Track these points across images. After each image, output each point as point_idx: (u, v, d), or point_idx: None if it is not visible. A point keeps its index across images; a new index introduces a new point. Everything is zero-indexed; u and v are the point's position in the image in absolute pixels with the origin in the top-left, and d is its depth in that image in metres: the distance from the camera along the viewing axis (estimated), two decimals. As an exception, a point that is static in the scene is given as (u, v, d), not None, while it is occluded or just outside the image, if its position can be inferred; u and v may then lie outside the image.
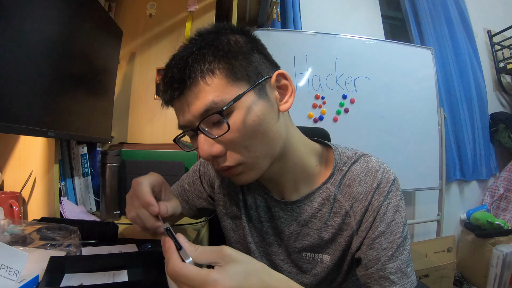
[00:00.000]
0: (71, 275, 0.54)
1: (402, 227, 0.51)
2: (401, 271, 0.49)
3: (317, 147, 0.58)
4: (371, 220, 0.51)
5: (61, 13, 0.78)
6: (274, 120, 0.47)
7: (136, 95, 1.33)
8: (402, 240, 0.50)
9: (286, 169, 0.53)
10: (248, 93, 0.44)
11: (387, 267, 0.49)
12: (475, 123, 2.26)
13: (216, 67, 0.44)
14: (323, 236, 0.55)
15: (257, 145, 0.46)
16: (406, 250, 0.50)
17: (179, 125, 0.48)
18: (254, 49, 0.48)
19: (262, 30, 1.73)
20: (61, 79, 0.80)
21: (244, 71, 0.45)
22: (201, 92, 0.43)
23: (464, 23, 2.30)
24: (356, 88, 1.84)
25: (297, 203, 0.56)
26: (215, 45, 0.45)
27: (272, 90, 0.49)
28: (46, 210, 0.88)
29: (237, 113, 0.44)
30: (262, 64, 0.48)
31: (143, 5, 1.37)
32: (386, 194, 0.51)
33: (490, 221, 2.01)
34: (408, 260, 0.50)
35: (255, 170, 0.48)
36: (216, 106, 0.43)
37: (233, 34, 0.48)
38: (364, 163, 0.54)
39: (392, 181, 0.52)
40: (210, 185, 0.69)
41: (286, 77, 0.50)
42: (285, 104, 0.50)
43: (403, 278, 0.49)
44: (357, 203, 0.52)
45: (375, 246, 0.50)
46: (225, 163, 0.46)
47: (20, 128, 0.66)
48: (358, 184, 0.53)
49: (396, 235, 0.50)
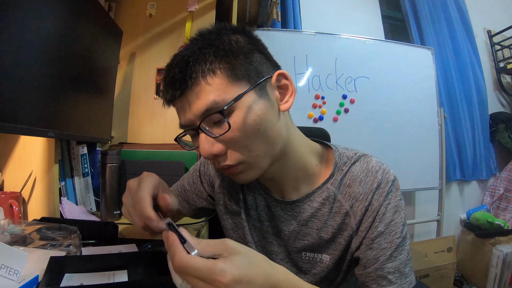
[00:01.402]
0: (71, 275, 0.54)
1: (401, 227, 0.51)
2: (399, 271, 0.49)
3: (317, 147, 0.58)
4: (370, 220, 0.51)
5: (61, 13, 0.78)
6: (274, 120, 0.48)
7: (136, 95, 1.33)
8: (401, 240, 0.50)
9: (286, 168, 0.54)
10: (249, 92, 0.45)
11: (385, 266, 0.49)
12: (475, 123, 2.26)
13: (217, 67, 0.44)
14: (323, 236, 0.55)
15: (258, 144, 0.46)
16: (405, 250, 0.50)
17: (181, 124, 0.48)
18: (255, 49, 0.48)
19: (262, 30, 1.73)
20: (61, 79, 0.81)
21: (244, 71, 0.45)
22: (202, 92, 0.44)
23: (464, 23, 2.30)
24: (356, 88, 1.84)
25: (297, 202, 0.56)
26: (216, 45, 0.45)
27: (272, 90, 0.49)
28: (46, 210, 0.88)
29: (237, 113, 0.44)
30: (262, 64, 0.48)
31: (143, 5, 1.38)
32: (386, 194, 0.51)
33: (490, 221, 2.01)
34: (407, 260, 0.50)
35: (256, 169, 0.48)
36: (217, 105, 0.43)
37: (234, 34, 0.48)
38: (364, 163, 0.54)
39: (392, 181, 0.52)
40: (210, 185, 0.69)
41: (286, 77, 0.50)
42: (286, 104, 0.50)
43: (401, 278, 0.49)
44: (357, 203, 0.52)
45: (374, 246, 0.50)
46: (226, 162, 0.47)
47: (20, 128, 0.66)
48: (358, 185, 0.53)
49: (395, 235, 0.50)
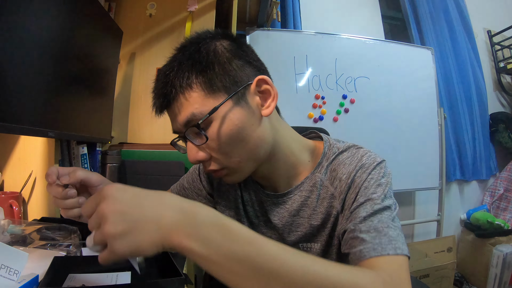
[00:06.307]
0: (74, 276, 0.54)
1: (382, 196, 0.47)
2: (376, 230, 0.43)
3: (310, 144, 0.59)
4: (353, 196, 0.49)
5: (61, 13, 0.78)
6: (254, 126, 0.49)
7: (136, 95, 1.33)
8: (380, 208, 0.45)
9: (277, 168, 0.55)
10: (226, 103, 0.47)
11: (358, 227, 0.44)
12: (475, 123, 2.25)
13: (193, 81, 0.47)
14: (313, 224, 0.55)
15: (238, 151, 0.49)
16: (385, 216, 0.45)
17: (173, 130, 0.52)
18: (235, 56, 0.49)
19: (262, 30, 1.73)
20: (61, 79, 0.81)
21: (220, 83, 0.47)
22: (182, 106, 0.47)
23: (464, 23, 2.30)
24: (356, 88, 1.84)
25: (287, 194, 0.57)
26: (194, 58, 0.47)
27: (252, 96, 0.50)
28: (46, 210, 0.88)
29: (214, 124, 0.47)
30: (242, 71, 0.49)
31: (143, 5, 1.38)
32: (369, 171, 0.49)
33: (490, 221, 2.01)
34: (389, 222, 0.44)
35: (239, 173, 0.52)
36: (195, 118, 0.46)
37: (215, 41, 0.49)
38: (353, 152, 0.55)
39: (379, 162, 0.51)
40: (209, 183, 0.69)
41: (267, 82, 0.50)
42: (267, 109, 0.50)
43: (379, 238, 0.42)
44: (341, 183, 0.51)
45: (352, 216, 0.47)
46: (210, 167, 0.51)
47: (20, 128, 0.66)
48: (343, 167, 0.52)
49: (375, 204, 0.46)
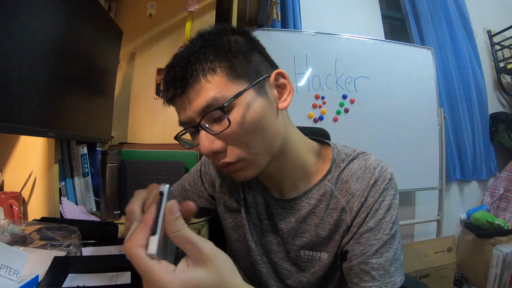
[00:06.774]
0: (74, 276, 0.54)
1: (390, 225, 0.50)
2: (384, 269, 0.49)
3: (315, 146, 0.59)
4: (363, 216, 0.51)
5: (61, 13, 0.78)
6: (273, 118, 0.48)
7: (136, 95, 1.33)
8: (389, 238, 0.50)
9: (285, 167, 0.54)
10: (248, 90, 0.45)
11: (370, 261, 0.49)
12: (475, 123, 2.25)
13: (217, 66, 0.45)
14: (320, 233, 0.55)
15: (257, 141, 0.47)
16: (393, 249, 0.50)
17: (180, 122, 0.49)
18: (254, 49, 0.49)
19: (262, 30, 1.73)
20: (61, 79, 0.80)
21: (244, 70, 0.46)
22: (202, 89, 0.44)
23: (464, 23, 2.30)
24: (356, 88, 1.83)
25: (295, 200, 0.56)
26: (216, 45, 0.46)
27: (271, 88, 0.50)
28: (46, 210, 0.88)
29: (237, 110, 0.45)
30: (261, 64, 0.49)
31: (143, 5, 1.37)
32: (381, 191, 0.51)
33: (490, 221, 2.01)
34: (394, 259, 0.50)
35: (255, 166, 0.49)
36: (217, 102, 0.44)
37: (233, 35, 0.49)
38: (362, 161, 0.55)
39: (389, 179, 0.53)
40: (211, 185, 0.69)
41: (284, 76, 0.51)
42: (284, 102, 0.50)
43: (385, 276, 0.48)
44: (354, 199, 0.52)
45: (362, 241, 0.50)
46: (225, 159, 0.47)
47: (20, 128, 0.66)
48: (356, 181, 0.53)
49: (384, 232, 0.50)
